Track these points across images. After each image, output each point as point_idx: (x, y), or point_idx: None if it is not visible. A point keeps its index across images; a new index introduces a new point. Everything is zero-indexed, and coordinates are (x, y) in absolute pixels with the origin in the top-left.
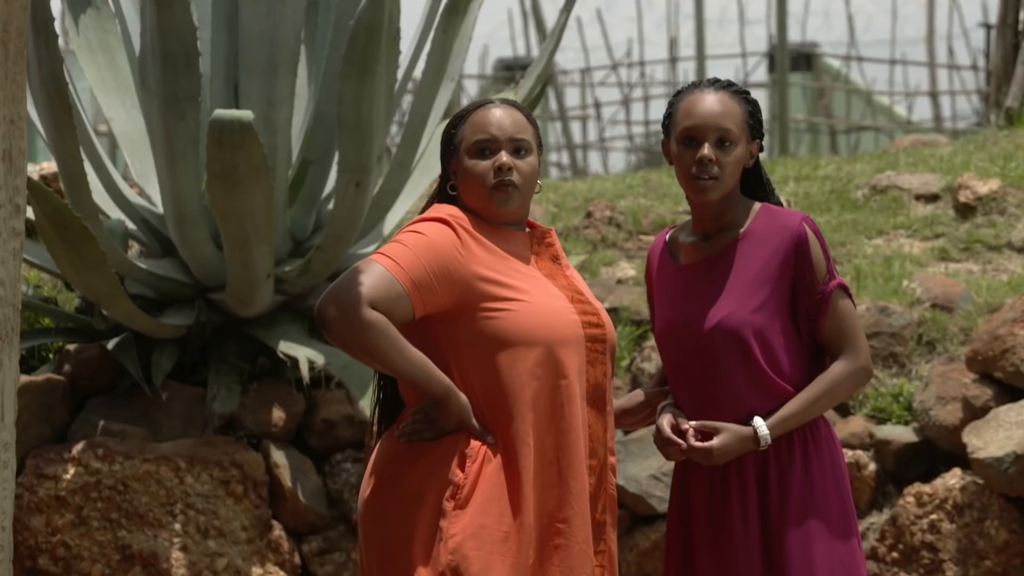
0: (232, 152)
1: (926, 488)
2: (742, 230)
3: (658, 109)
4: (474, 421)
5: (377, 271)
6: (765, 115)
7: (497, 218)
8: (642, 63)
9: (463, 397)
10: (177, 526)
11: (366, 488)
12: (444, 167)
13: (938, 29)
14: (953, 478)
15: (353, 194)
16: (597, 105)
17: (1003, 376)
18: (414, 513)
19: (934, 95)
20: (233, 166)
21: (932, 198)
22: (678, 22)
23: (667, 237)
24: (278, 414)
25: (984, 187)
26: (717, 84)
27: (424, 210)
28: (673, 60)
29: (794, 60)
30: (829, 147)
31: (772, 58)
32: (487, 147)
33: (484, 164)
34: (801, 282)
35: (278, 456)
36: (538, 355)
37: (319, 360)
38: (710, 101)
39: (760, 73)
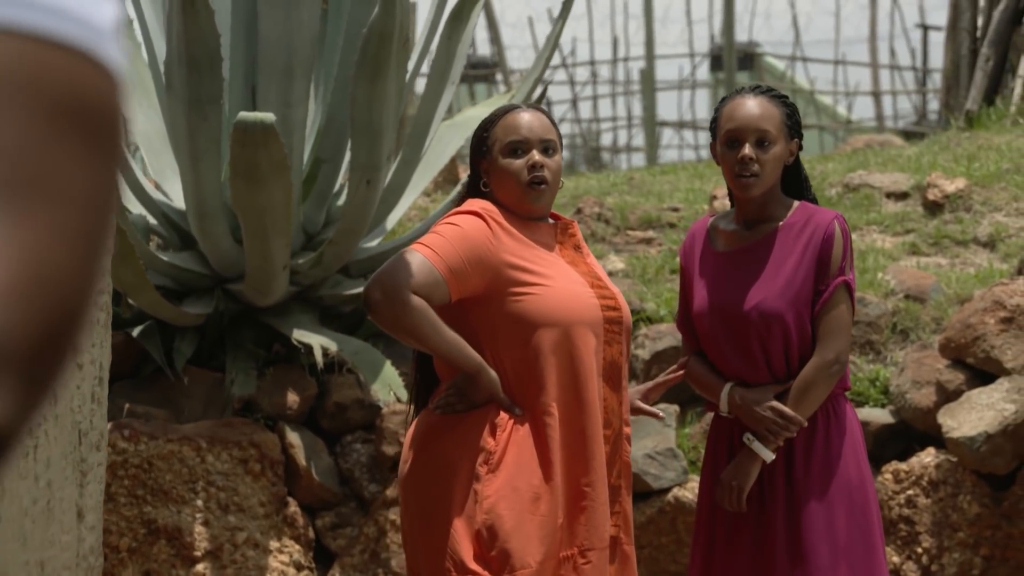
0: (254, 151)
1: (903, 466)
2: (781, 223)
3: (605, 108)
4: (502, 394)
5: (418, 260)
6: (706, 115)
7: (529, 213)
8: (592, 62)
9: (493, 373)
10: (199, 502)
11: (407, 457)
12: (474, 167)
13: (879, 30)
14: (928, 456)
15: (364, 191)
16: (548, 104)
17: (974, 362)
18: (450, 478)
19: (876, 95)
20: (255, 164)
21: (902, 196)
22: (625, 21)
23: (708, 224)
24: (292, 397)
25: (951, 186)
26: (757, 90)
27: (458, 204)
28: (624, 60)
29: (737, 60)
30: None
31: (713, 58)
32: (519, 147)
33: (518, 163)
34: (819, 273)
35: (293, 437)
36: (559, 334)
37: (332, 347)
38: (750, 105)
39: (701, 72)
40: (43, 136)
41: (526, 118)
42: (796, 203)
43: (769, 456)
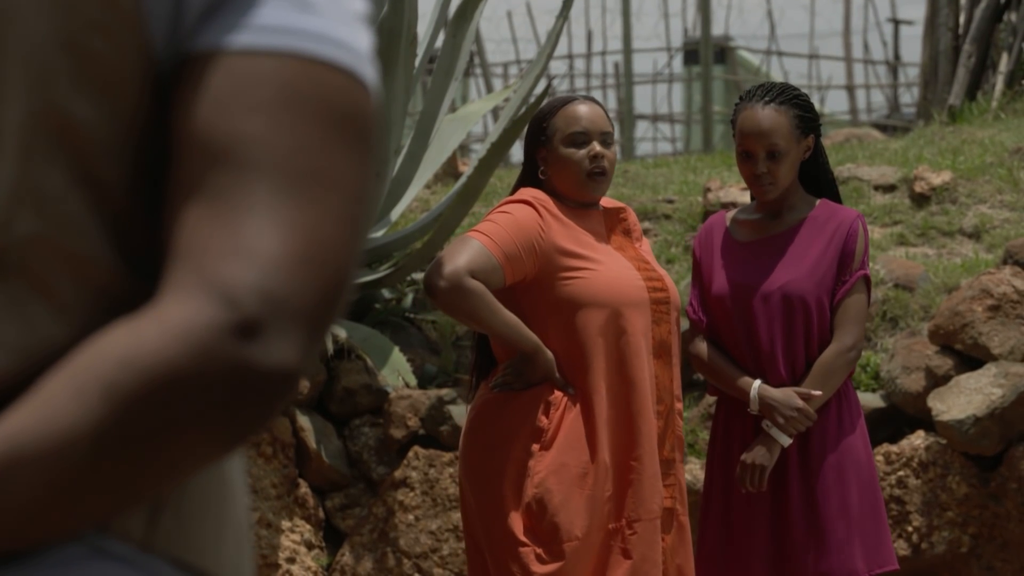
0: None
1: (894, 448)
2: (806, 216)
3: None
4: (557, 374)
5: (475, 246)
6: (680, 108)
7: (587, 200)
8: (570, 56)
9: (549, 353)
10: None
11: (468, 431)
12: (530, 155)
13: (852, 24)
14: (918, 439)
15: (372, 183)
16: None
17: (962, 348)
18: (506, 454)
19: (850, 88)
20: None
21: (890, 188)
22: (602, 15)
23: (727, 217)
24: (303, 382)
25: (937, 178)
26: (766, 97)
27: (512, 193)
28: (601, 53)
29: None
30: None
31: (687, 52)
32: (581, 138)
33: (580, 153)
34: (841, 265)
35: (303, 421)
36: (607, 315)
37: (341, 333)
38: (759, 119)
39: (675, 65)
40: (322, 138)
41: (585, 110)
42: (817, 200)
43: (787, 441)
